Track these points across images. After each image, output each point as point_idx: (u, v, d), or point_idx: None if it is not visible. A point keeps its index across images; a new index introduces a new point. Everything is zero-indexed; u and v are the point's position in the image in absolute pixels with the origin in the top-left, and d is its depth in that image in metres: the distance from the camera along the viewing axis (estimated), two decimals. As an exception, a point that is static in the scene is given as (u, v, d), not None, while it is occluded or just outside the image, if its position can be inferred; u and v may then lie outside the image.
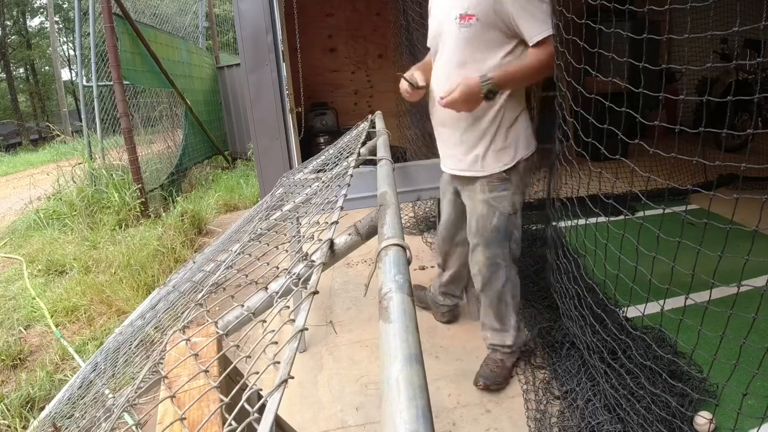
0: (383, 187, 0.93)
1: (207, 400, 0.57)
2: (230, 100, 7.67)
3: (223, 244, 1.70)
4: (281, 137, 2.77)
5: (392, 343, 0.43)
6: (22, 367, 2.39)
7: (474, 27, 1.54)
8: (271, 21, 2.66)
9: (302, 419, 1.78)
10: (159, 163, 5.41)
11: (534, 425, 1.62)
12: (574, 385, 1.70)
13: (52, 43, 19.02)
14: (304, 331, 0.49)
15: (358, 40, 5.09)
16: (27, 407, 2.03)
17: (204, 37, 8.02)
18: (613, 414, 1.52)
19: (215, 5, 9.62)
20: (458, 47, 1.60)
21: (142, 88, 5.30)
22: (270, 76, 2.71)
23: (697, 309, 1.28)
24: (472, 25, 1.54)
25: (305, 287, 0.59)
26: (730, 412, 1.47)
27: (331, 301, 2.66)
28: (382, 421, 0.36)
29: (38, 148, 13.80)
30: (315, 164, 1.84)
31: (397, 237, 0.67)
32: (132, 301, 2.83)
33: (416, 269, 2.91)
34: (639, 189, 1.55)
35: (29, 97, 22.44)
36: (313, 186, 1.35)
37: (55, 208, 4.58)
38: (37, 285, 3.23)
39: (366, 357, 2.12)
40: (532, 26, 1.52)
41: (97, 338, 2.52)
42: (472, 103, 1.54)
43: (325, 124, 4.90)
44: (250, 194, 5.18)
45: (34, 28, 22.17)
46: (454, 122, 1.69)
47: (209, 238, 4.05)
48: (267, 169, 2.80)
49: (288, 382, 0.43)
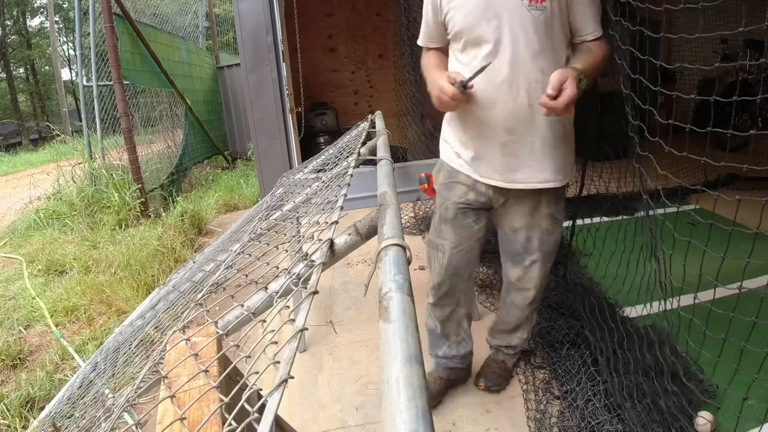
0: (383, 187, 0.93)
1: (207, 400, 0.57)
2: (230, 100, 7.67)
3: (223, 244, 1.70)
4: (281, 137, 2.77)
5: (392, 343, 0.43)
6: (22, 366, 2.39)
7: (546, 11, 1.29)
8: (271, 21, 2.66)
9: (302, 419, 1.78)
10: (159, 163, 5.41)
11: (534, 425, 1.62)
12: (574, 385, 1.70)
13: (52, 42, 19.02)
14: (304, 331, 0.49)
15: (358, 40, 5.09)
16: (27, 407, 2.03)
17: (204, 36, 8.02)
18: (613, 414, 1.52)
19: (215, 5, 9.62)
20: (532, 34, 1.31)
21: (142, 88, 5.30)
22: (270, 76, 2.71)
23: (698, 309, 1.28)
24: (545, 8, 1.29)
25: (305, 287, 0.59)
26: (731, 412, 1.47)
27: (331, 301, 2.66)
28: (382, 421, 0.36)
29: (38, 148, 13.80)
30: (315, 164, 1.84)
31: (397, 237, 0.67)
32: (132, 301, 2.83)
33: (416, 269, 2.92)
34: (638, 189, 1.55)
35: (29, 96, 22.43)
36: (313, 186, 1.35)
37: (55, 208, 4.58)
38: (37, 285, 3.23)
39: (366, 357, 2.12)
40: (594, 19, 1.36)
41: (97, 338, 2.52)
42: (572, 104, 1.24)
43: (325, 124, 4.90)
44: (250, 194, 5.18)
45: (34, 28, 22.18)
46: (532, 126, 1.38)
47: (209, 238, 4.05)
48: (267, 169, 2.80)
49: (288, 382, 0.43)
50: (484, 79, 1.31)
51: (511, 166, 1.43)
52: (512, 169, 1.43)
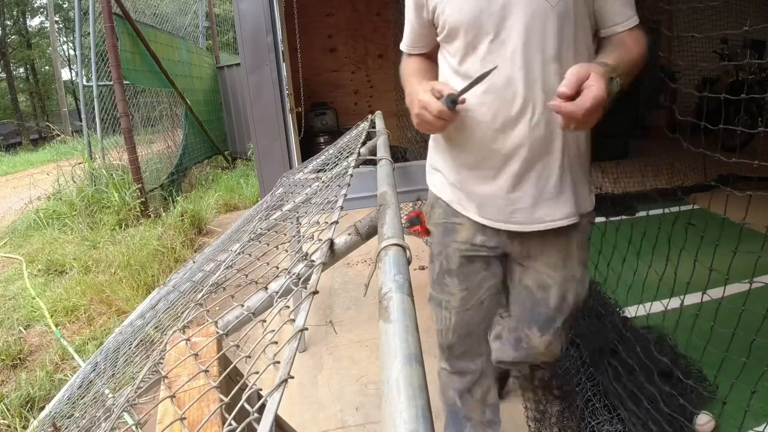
0: (383, 187, 0.93)
1: (207, 400, 0.57)
2: (230, 100, 7.68)
3: (223, 243, 1.70)
4: (281, 137, 2.77)
5: (392, 343, 0.43)
6: (22, 366, 2.39)
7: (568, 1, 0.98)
8: (271, 21, 2.66)
9: (302, 419, 1.78)
10: (159, 163, 5.42)
11: (534, 425, 1.62)
12: (574, 384, 1.70)
13: (52, 42, 19.01)
14: (304, 331, 0.49)
15: (358, 40, 5.09)
16: (27, 407, 2.03)
17: (204, 36, 8.03)
18: (613, 414, 1.52)
19: (215, 5, 9.62)
20: (551, 28, 0.98)
21: (142, 88, 5.30)
22: (270, 76, 2.71)
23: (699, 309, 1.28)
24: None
25: (305, 287, 0.59)
26: (731, 412, 1.47)
27: (331, 301, 2.66)
28: (381, 421, 0.36)
29: (38, 148, 13.81)
30: (315, 164, 1.84)
31: (397, 237, 0.67)
32: (132, 300, 2.83)
33: (416, 269, 2.92)
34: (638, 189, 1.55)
35: (29, 96, 22.43)
36: (313, 186, 1.35)
37: (55, 208, 4.58)
38: (36, 285, 3.23)
39: (366, 357, 2.12)
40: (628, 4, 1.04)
41: (97, 338, 2.52)
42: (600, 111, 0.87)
43: (325, 124, 4.91)
44: (250, 194, 5.18)
45: (34, 28, 22.18)
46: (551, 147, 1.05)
47: (209, 238, 4.05)
48: (267, 169, 2.80)
49: (288, 382, 0.43)
50: (486, 90, 1.01)
51: (527, 201, 1.08)
52: (528, 207, 1.08)
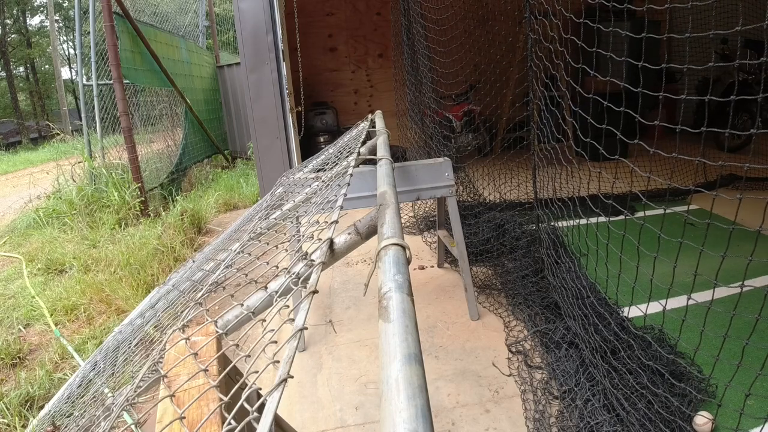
0: (383, 187, 0.93)
1: (206, 399, 0.57)
2: (230, 99, 7.68)
3: (222, 243, 1.70)
4: (281, 136, 2.77)
5: (392, 343, 0.43)
6: (22, 365, 2.39)
7: None
8: (271, 20, 2.66)
9: (301, 418, 1.78)
10: (159, 162, 5.41)
11: (533, 425, 1.62)
12: (572, 385, 1.70)
13: (52, 41, 18.99)
14: (303, 331, 0.49)
15: (358, 40, 5.09)
16: (26, 406, 2.03)
17: (204, 36, 8.02)
18: (612, 414, 1.52)
19: (215, 4, 9.61)
20: None
21: (142, 87, 5.30)
22: (270, 76, 2.71)
23: (698, 309, 1.28)
24: None
25: (305, 286, 0.59)
26: (730, 411, 1.47)
27: (330, 301, 2.66)
28: (381, 421, 0.36)
29: (38, 147, 13.81)
30: (315, 163, 1.84)
31: (397, 237, 0.67)
32: (131, 300, 2.83)
33: (416, 269, 2.91)
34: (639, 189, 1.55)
35: (29, 95, 22.41)
36: (313, 185, 1.35)
37: (55, 207, 4.58)
38: (36, 284, 3.23)
39: (365, 356, 2.12)
40: None
41: (97, 337, 2.52)
42: None
43: (325, 124, 4.91)
44: (249, 193, 5.18)
45: (34, 27, 22.15)
46: None
47: (209, 237, 4.05)
48: (267, 169, 2.80)
49: (287, 382, 0.43)
50: None
51: None
52: None
